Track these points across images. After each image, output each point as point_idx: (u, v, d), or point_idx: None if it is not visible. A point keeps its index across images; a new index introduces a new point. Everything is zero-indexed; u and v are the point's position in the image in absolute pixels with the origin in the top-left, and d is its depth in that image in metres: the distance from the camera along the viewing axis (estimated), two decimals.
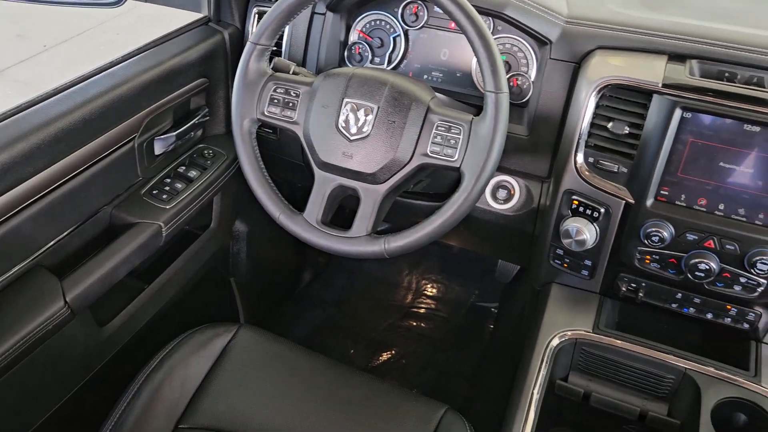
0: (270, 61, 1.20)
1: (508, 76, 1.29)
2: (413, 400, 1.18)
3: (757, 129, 1.01)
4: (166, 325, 1.47)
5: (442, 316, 2.06)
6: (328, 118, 1.10)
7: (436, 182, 1.32)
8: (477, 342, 1.96)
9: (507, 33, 1.28)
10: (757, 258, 1.04)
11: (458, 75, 1.36)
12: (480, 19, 1.02)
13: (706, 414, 1.06)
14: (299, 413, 1.15)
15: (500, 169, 1.29)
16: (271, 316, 1.98)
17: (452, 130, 1.05)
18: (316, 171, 1.14)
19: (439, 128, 1.06)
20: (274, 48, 1.39)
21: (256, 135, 1.18)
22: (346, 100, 1.09)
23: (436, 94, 1.15)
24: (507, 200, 1.30)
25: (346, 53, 1.42)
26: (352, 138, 1.09)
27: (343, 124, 1.09)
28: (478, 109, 1.08)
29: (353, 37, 1.41)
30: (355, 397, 1.19)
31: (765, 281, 1.07)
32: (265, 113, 1.15)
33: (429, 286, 2.15)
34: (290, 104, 1.14)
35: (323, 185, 1.13)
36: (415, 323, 2.03)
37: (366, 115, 1.08)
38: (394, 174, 1.09)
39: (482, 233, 1.49)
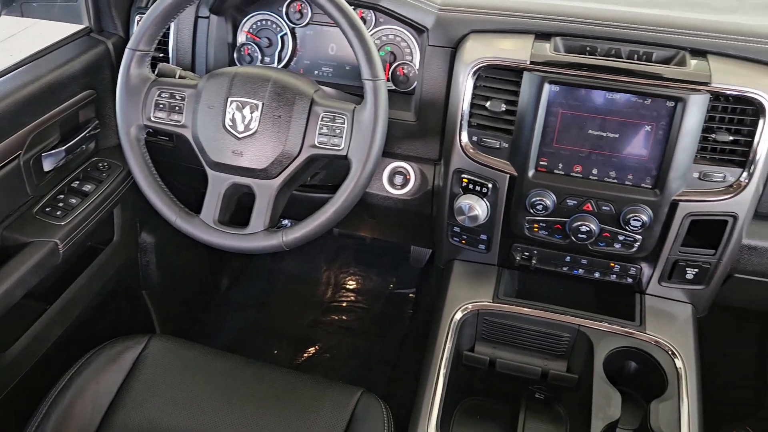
0: (155, 67, 1.20)
1: (394, 66, 1.34)
2: (330, 388, 1.21)
3: (617, 96, 1.09)
4: (75, 344, 1.43)
5: (362, 306, 2.09)
6: (215, 118, 1.11)
7: (333, 173, 1.35)
8: (397, 328, 2.01)
9: (388, 24, 1.32)
10: (630, 215, 1.13)
11: (347, 68, 1.39)
12: (351, 10, 1.05)
13: (599, 365, 1.14)
14: (216, 414, 1.15)
15: (394, 155, 1.34)
16: (191, 325, 1.96)
17: (337, 120, 1.08)
18: (209, 171, 1.14)
19: (325, 119, 1.09)
20: (161, 55, 1.39)
21: (145, 142, 1.18)
22: (230, 99, 1.10)
23: (321, 86, 1.18)
24: (404, 185, 1.35)
25: (235, 55, 1.43)
26: (240, 136, 1.10)
27: (230, 123, 1.10)
28: None
29: (241, 38, 1.42)
30: (273, 392, 1.20)
31: (640, 237, 1.16)
32: (152, 119, 1.15)
33: (347, 279, 2.18)
34: (176, 108, 1.14)
35: (217, 185, 1.14)
36: (336, 317, 2.06)
37: (252, 112, 1.09)
38: (286, 167, 1.11)
39: (386, 220, 1.53)
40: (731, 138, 1.08)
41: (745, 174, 1.09)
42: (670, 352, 1.15)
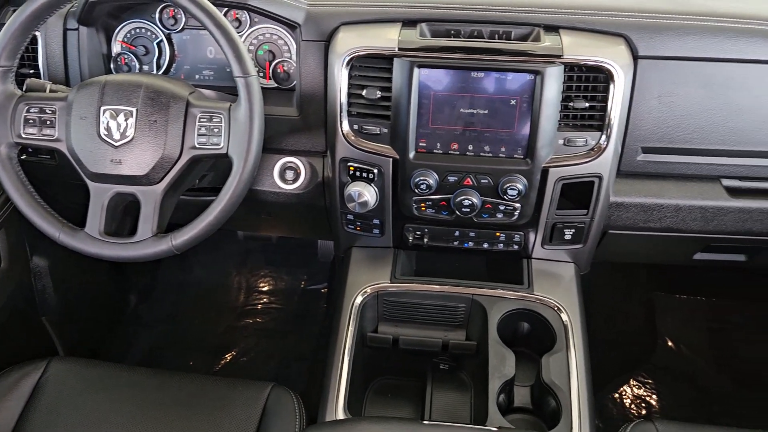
0: (24, 84, 1.17)
1: (274, 63, 1.36)
2: (240, 387, 1.21)
3: (482, 75, 1.16)
4: None
5: (276, 307, 2.10)
6: (89, 129, 1.09)
7: (223, 175, 1.35)
8: (313, 324, 2.03)
9: (263, 23, 1.34)
10: (507, 185, 1.20)
11: (228, 70, 1.39)
12: (215, 10, 1.06)
13: (493, 329, 1.21)
14: (125, 428, 1.13)
15: (282, 151, 1.36)
16: (100, 346, 1.90)
17: (214, 120, 1.09)
18: (89, 183, 1.13)
19: (202, 120, 1.10)
20: (32, 71, 1.35)
21: (25, 161, 1.15)
22: (103, 107, 1.09)
23: (198, 89, 1.18)
24: (295, 179, 1.37)
25: (112, 65, 1.40)
26: (117, 144, 1.09)
27: (105, 132, 1.09)
28: None
29: (116, 48, 1.40)
30: (182, 397, 1.19)
31: (518, 205, 1.23)
32: (22, 136, 1.12)
33: (258, 281, 2.18)
34: (48, 122, 1.12)
35: (99, 196, 1.12)
36: (251, 320, 2.05)
37: (126, 119, 1.08)
38: (168, 172, 1.11)
39: (284, 217, 1.55)
40: (588, 104, 1.17)
41: (603, 137, 1.19)
42: (556, 309, 1.24)
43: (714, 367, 1.95)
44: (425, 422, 0.98)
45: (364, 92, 1.20)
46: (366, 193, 1.25)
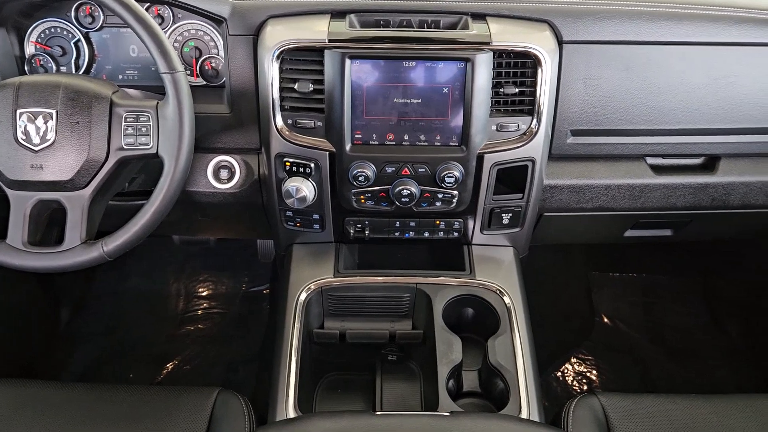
0: None
1: (201, 60, 1.32)
2: (185, 394, 1.17)
3: (414, 64, 1.16)
4: None
5: (218, 311, 2.05)
6: (5, 134, 1.03)
7: (154, 177, 1.31)
8: (257, 326, 2.00)
9: (187, 19, 1.30)
10: (444, 173, 1.21)
11: (153, 68, 1.35)
12: (136, 5, 1.03)
13: (438, 316, 1.22)
14: None
15: (215, 149, 1.33)
16: (32, 365, 1.81)
17: (141, 119, 1.05)
18: (8, 192, 1.07)
19: (128, 119, 1.06)
20: None
21: None
22: (19, 111, 1.03)
23: (122, 88, 1.14)
24: (230, 178, 1.34)
25: (27, 68, 1.33)
26: (37, 149, 1.03)
27: (23, 137, 1.03)
28: None
29: (30, 49, 1.33)
30: (123, 410, 1.15)
31: (456, 192, 1.24)
32: None
33: (198, 287, 2.13)
34: None
35: (20, 205, 1.06)
36: (192, 327, 2.00)
37: (46, 122, 1.03)
38: (95, 175, 1.06)
39: (221, 217, 1.52)
40: (518, 90, 1.19)
41: (534, 121, 1.21)
42: (498, 292, 1.26)
43: (648, 339, 2.04)
44: (377, 413, 0.98)
45: (296, 86, 1.18)
46: (304, 188, 1.23)
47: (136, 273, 2.13)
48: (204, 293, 2.11)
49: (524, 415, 1.06)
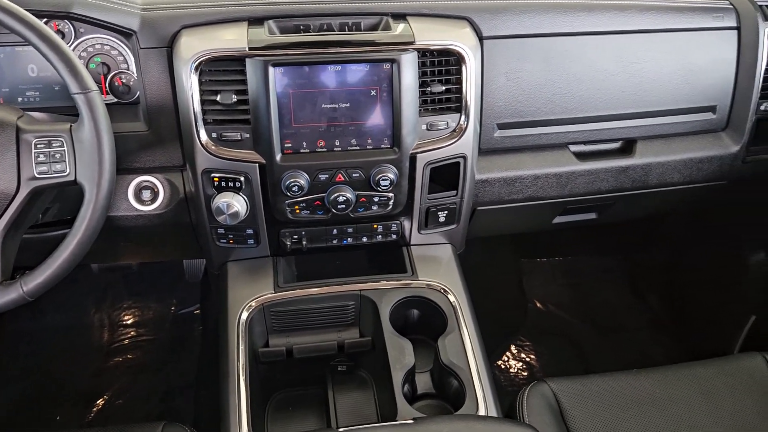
0: None
1: (110, 76, 1.24)
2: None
3: (339, 68, 1.14)
4: None
5: (147, 338, 1.95)
6: None
7: (69, 205, 1.22)
8: (191, 349, 1.91)
9: (91, 33, 1.21)
10: (379, 176, 1.20)
11: (56, 88, 1.25)
12: (37, 22, 0.95)
13: (386, 321, 1.20)
14: None
15: (135, 170, 1.25)
16: None
17: (54, 144, 0.97)
18: None
19: (39, 146, 0.97)
20: None
21: None
22: None
23: (27, 112, 1.04)
24: (154, 199, 1.26)
25: None
26: None
27: None
28: None
29: None
30: None
31: (392, 194, 1.23)
32: None
33: (123, 314, 2.01)
34: None
35: None
36: (121, 358, 1.89)
37: None
38: (5, 210, 0.97)
39: (146, 241, 1.44)
40: (444, 88, 1.20)
41: (463, 117, 1.22)
42: (442, 291, 1.26)
43: (579, 319, 2.11)
44: (340, 430, 0.95)
45: (218, 98, 1.13)
46: (235, 204, 1.18)
47: (52, 306, 1.99)
48: (130, 321, 2.00)
49: (482, 411, 1.06)
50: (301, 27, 1.19)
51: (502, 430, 0.94)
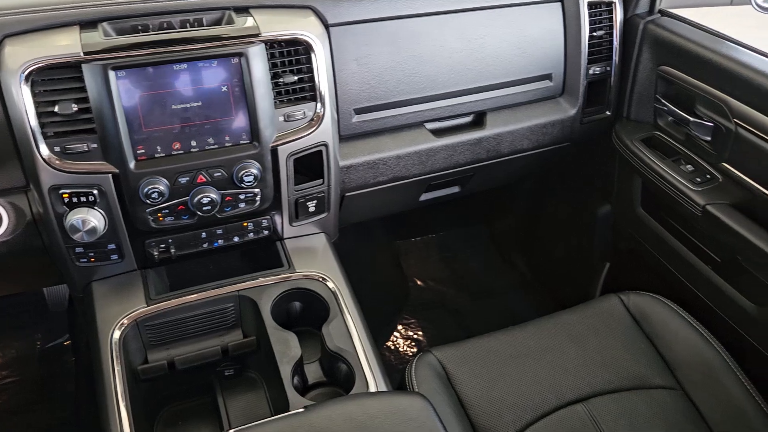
0: None
1: None
2: None
3: (185, 66, 1.10)
4: None
5: (12, 380, 1.78)
6: None
7: None
8: (65, 384, 1.78)
9: None
10: (242, 173, 1.18)
11: None
12: None
13: (268, 318, 1.19)
14: None
15: None
16: None
17: None
18: None
19: None
20: None
21: None
22: None
23: None
24: None
25: None
26: None
27: None
28: None
29: None
30: None
31: (258, 190, 1.22)
32: None
33: None
34: None
35: None
36: None
37: None
38: None
39: None
40: (297, 78, 1.20)
41: (319, 106, 1.23)
42: (321, 280, 1.26)
43: (454, 289, 2.21)
44: (231, 431, 0.93)
45: (56, 108, 1.06)
46: (92, 219, 1.12)
47: None
48: None
49: (372, 389, 1.08)
50: (140, 27, 1.13)
51: (392, 401, 0.97)
